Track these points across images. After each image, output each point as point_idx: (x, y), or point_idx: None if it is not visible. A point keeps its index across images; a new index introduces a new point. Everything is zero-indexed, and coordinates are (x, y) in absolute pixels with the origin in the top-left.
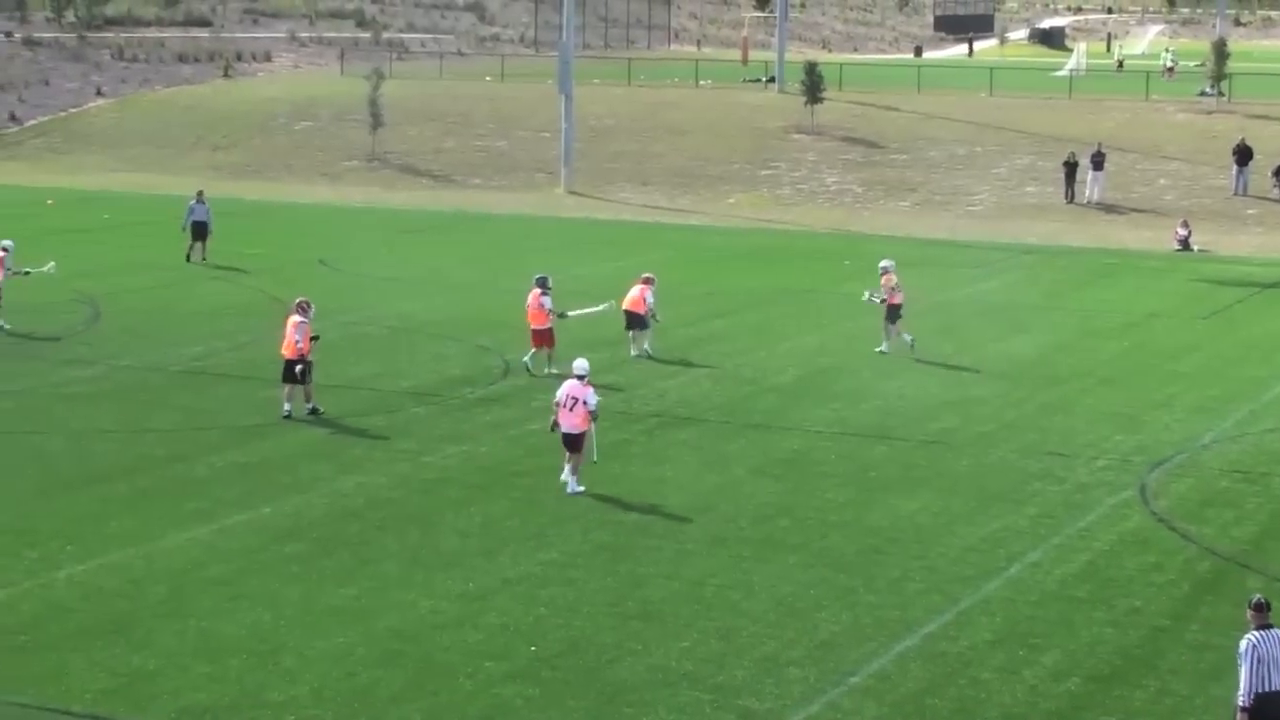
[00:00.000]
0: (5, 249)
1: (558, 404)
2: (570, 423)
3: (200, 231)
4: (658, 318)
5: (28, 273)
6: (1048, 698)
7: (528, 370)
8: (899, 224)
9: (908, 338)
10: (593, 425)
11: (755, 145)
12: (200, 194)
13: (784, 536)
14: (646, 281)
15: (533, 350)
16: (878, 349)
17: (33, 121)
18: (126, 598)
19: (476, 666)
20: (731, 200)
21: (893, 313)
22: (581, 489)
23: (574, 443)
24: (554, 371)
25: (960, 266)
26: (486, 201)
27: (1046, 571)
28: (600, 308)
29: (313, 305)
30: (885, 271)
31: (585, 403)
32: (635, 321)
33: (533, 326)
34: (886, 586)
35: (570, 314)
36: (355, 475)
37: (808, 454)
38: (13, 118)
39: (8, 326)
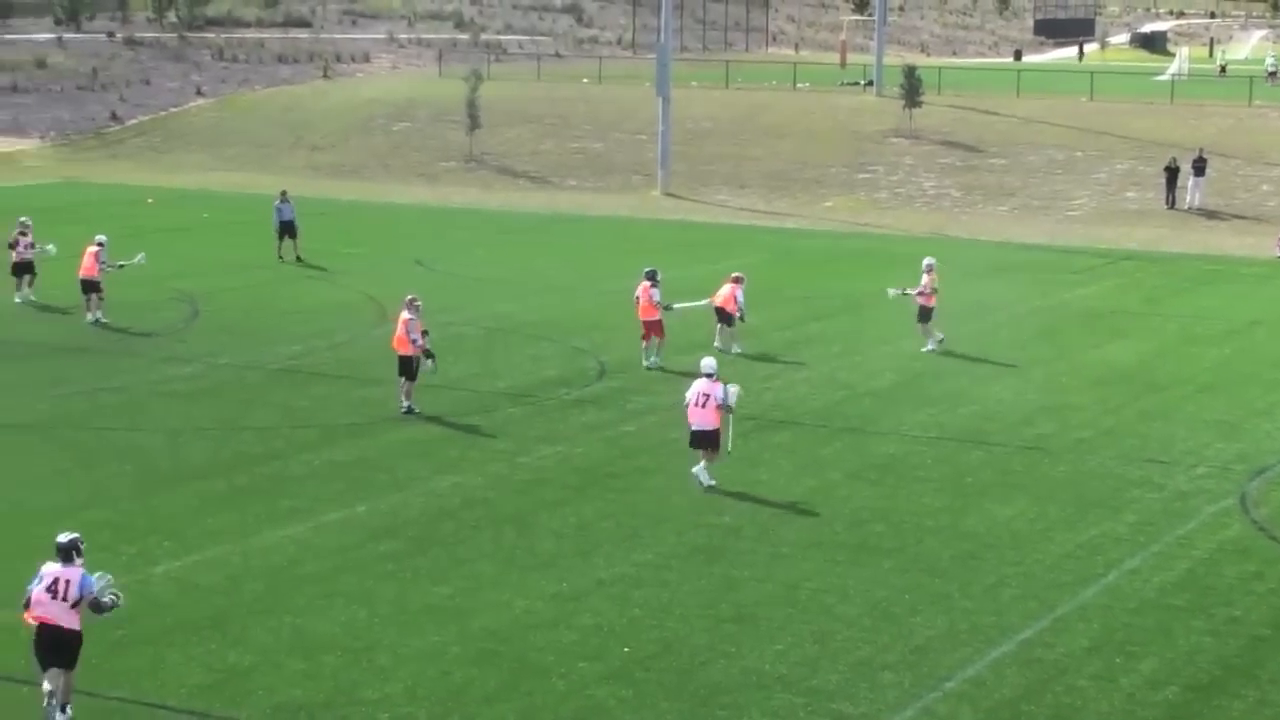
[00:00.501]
0: (100, 243)
1: (688, 403)
2: (701, 419)
3: (288, 230)
4: (745, 318)
5: (121, 266)
6: (1145, 706)
7: (650, 368)
8: (997, 228)
9: (939, 335)
10: (729, 418)
11: (853, 149)
12: (284, 194)
13: (879, 541)
14: (736, 280)
15: (644, 345)
16: (923, 349)
17: (133, 121)
18: (222, 594)
19: (570, 667)
20: (828, 204)
21: (925, 314)
22: (713, 483)
23: (705, 439)
24: (657, 361)
25: (1059, 272)
26: (583, 203)
27: (1145, 579)
28: (702, 303)
29: (420, 301)
30: (930, 269)
31: (715, 398)
32: (724, 318)
33: (643, 319)
34: (982, 592)
35: (675, 306)
36: (451, 475)
37: (904, 459)
38: (114, 117)
39: (106, 320)
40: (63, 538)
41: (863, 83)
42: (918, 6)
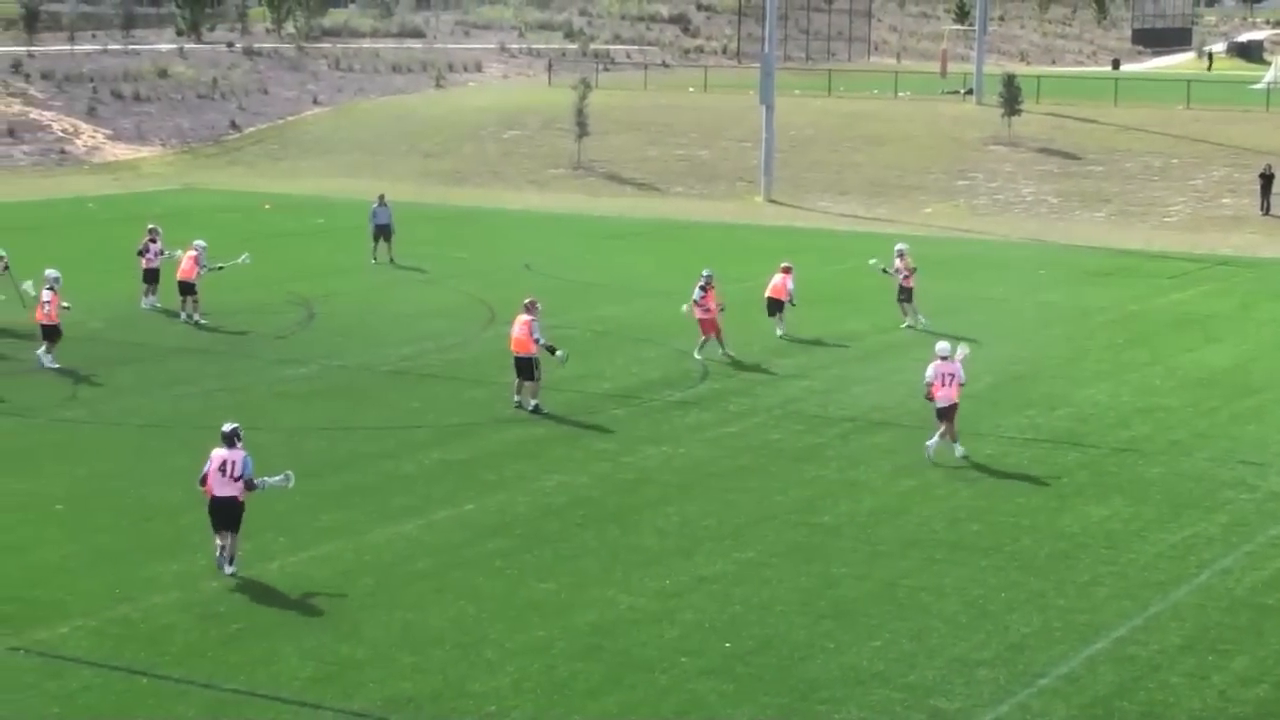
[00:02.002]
0: (199, 247)
1: (930, 383)
2: (947, 396)
3: (383, 233)
4: (794, 302)
5: (221, 268)
6: (1237, 703)
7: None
8: (1094, 234)
9: (922, 319)
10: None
11: (952, 156)
12: (382, 197)
13: (976, 540)
14: (786, 270)
15: (700, 340)
16: (903, 326)
17: (252, 129)
18: (335, 589)
19: (672, 662)
20: (928, 210)
21: (905, 294)
22: (965, 452)
23: (948, 413)
24: (730, 353)
25: (1155, 277)
26: (688, 209)
27: (1237, 579)
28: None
29: (539, 305)
30: (901, 254)
31: (959, 377)
32: (776, 307)
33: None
34: (1076, 591)
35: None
36: (557, 474)
37: (1001, 459)
38: (233, 125)
39: (204, 321)
40: (226, 427)
41: (963, 91)
42: (1018, 16)
